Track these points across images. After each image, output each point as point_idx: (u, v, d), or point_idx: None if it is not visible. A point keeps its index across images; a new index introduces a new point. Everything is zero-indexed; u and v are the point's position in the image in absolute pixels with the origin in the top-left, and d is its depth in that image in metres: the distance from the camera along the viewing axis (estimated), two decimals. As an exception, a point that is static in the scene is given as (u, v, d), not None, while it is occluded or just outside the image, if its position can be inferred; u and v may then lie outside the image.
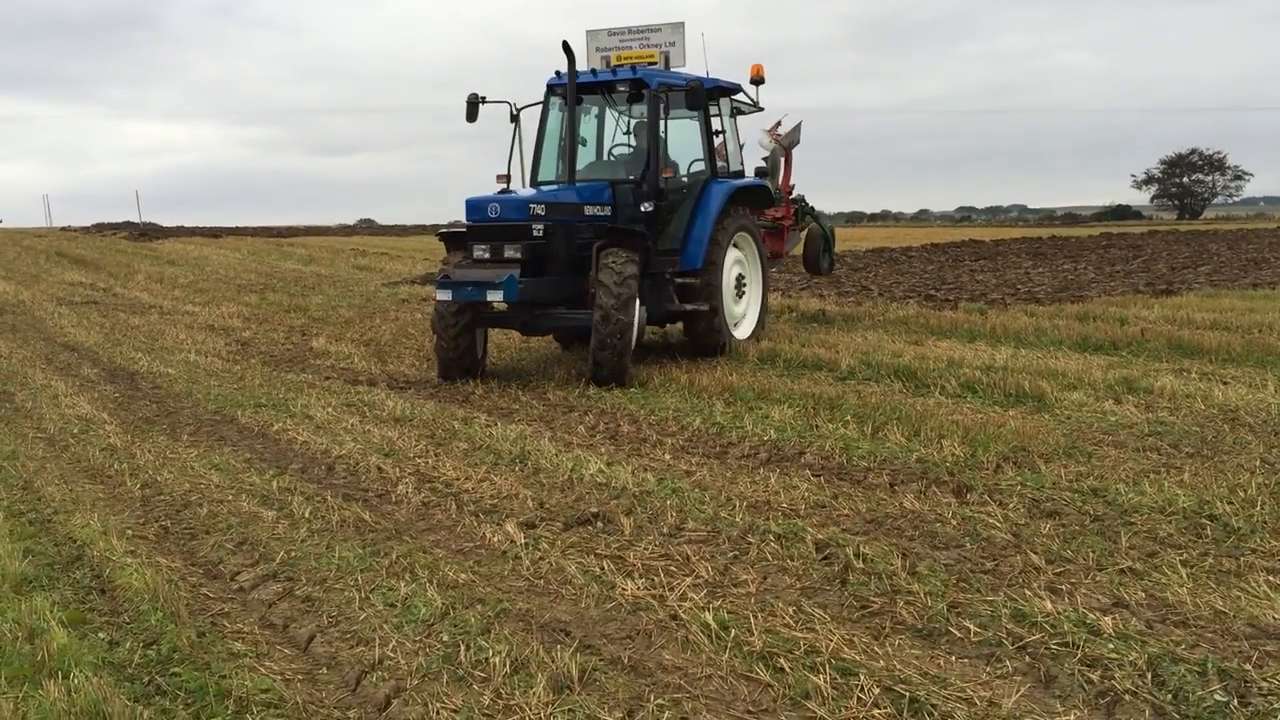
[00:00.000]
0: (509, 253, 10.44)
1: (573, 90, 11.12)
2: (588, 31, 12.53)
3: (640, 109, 11.83)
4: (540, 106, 11.95)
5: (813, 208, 15.07)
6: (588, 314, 10.45)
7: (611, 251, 10.40)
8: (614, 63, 12.01)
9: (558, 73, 11.65)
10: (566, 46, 10.97)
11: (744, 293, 12.48)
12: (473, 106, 11.61)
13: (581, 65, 11.69)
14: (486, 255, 10.53)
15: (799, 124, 14.43)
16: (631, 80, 11.58)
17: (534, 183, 11.82)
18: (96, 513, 6.44)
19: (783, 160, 14.26)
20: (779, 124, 14.36)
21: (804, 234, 15.05)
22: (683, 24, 12.35)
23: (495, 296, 10.11)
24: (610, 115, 12.41)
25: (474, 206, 10.66)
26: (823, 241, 15.04)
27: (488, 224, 10.52)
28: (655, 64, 11.95)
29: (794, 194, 14.53)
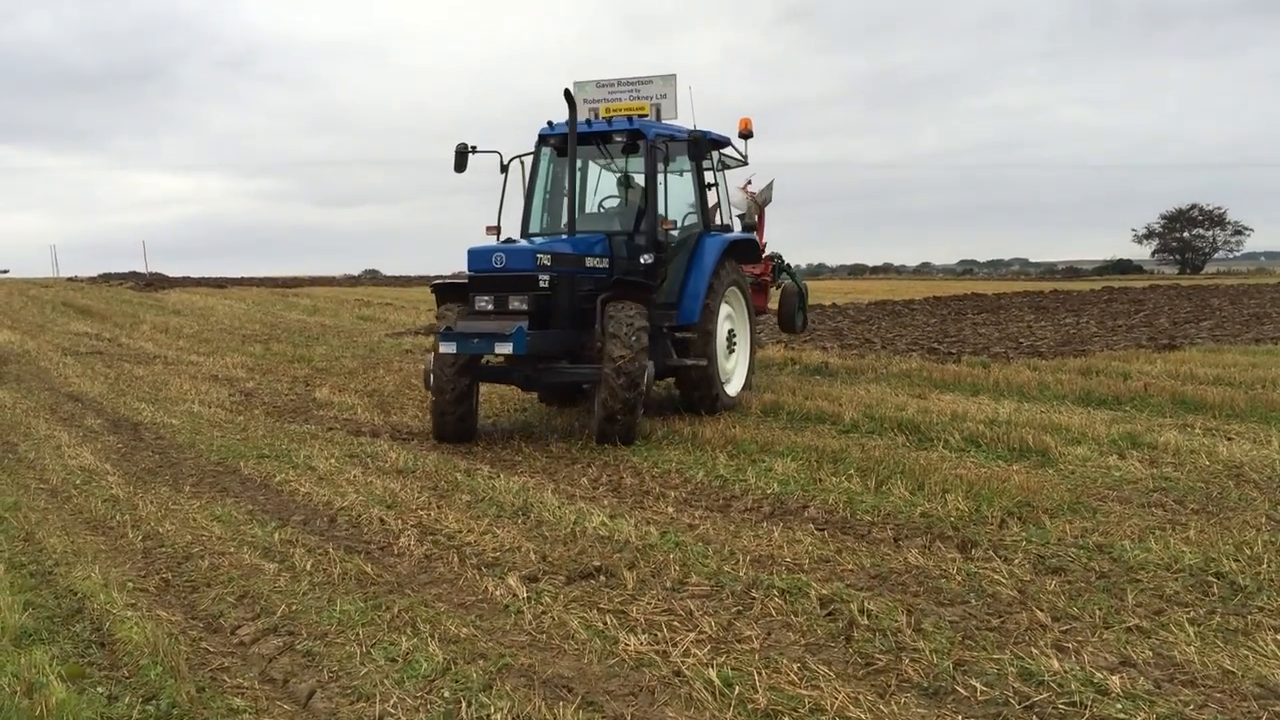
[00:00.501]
0: (515, 304, 10.07)
1: (573, 139, 10.72)
2: (574, 83, 12.19)
3: (636, 161, 11.66)
4: (530, 157, 11.68)
5: (788, 265, 15.02)
6: (592, 368, 10.23)
7: (621, 304, 10.12)
8: (602, 114, 11.83)
9: (549, 123, 11.52)
10: (568, 94, 10.68)
11: (734, 348, 12.26)
12: (461, 156, 11.33)
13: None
14: (490, 307, 10.12)
15: (771, 182, 14.47)
16: (628, 131, 11.35)
17: (524, 234, 11.57)
18: (98, 565, 6.41)
19: (756, 217, 14.23)
20: (750, 182, 14.40)
21: (779, 291, 14.98)
22: (674, 76, 12.21)
23: (505, 349, 9.65)
24: (604, 166, 12.21)
25: (478, 256, 10.28)
26: (797, 299, 14.90)
27: (492, 274, 10.13)
28: (645, 116, 11.80)
29: (767, 251, 14.46)
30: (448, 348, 9.91)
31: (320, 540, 6.90)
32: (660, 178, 11.35)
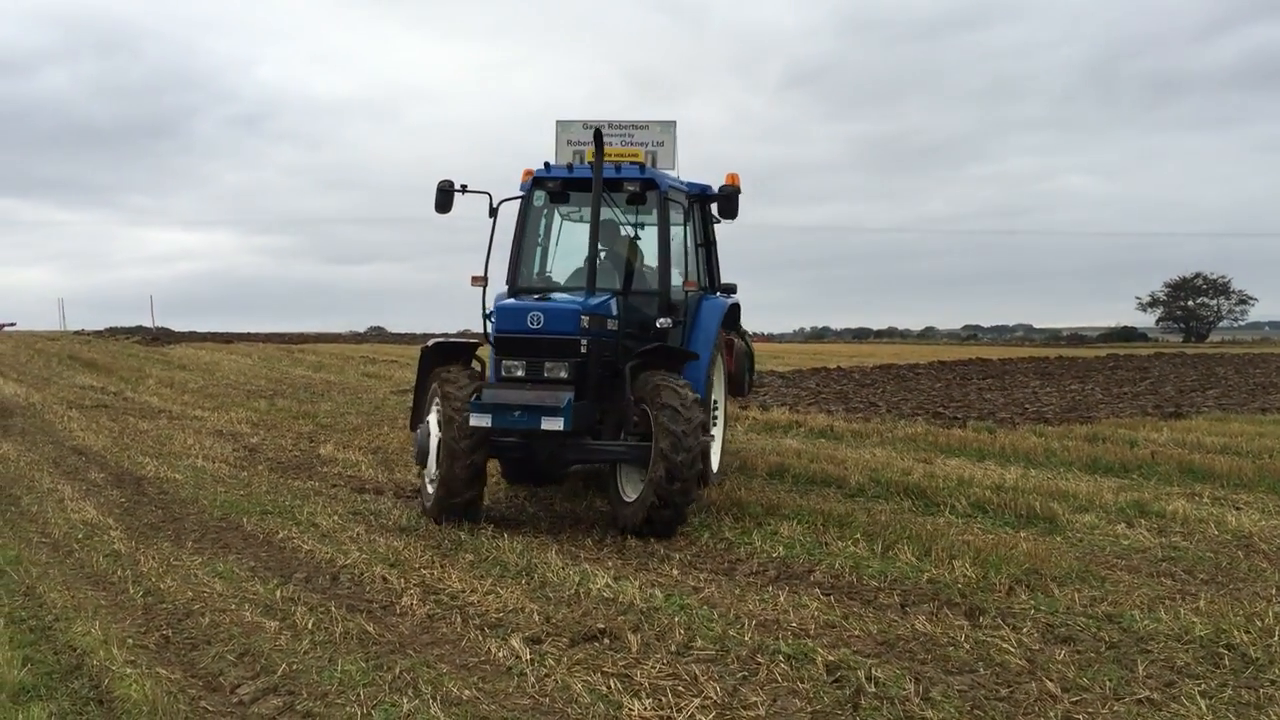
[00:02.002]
0: (552, 371, 8.86)
1: (598, 184, 9.27)
2: (558, 122, 11.13)
3: (644, 213, 10.48)
4: (520, 200, 10.31)
5: (741, 326, 14.49)
6: (625, 444, 8.99)
7: (659, 372, 8.98)
8: (588, 159, 10.40)
9: (546, 164, 10.38)
10: (599, 135, 9.34)
11: (716, 419, 11.04)
12: (445, 195, 9.95)
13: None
14: (520, 373, 8.93)
15: None
16: (641, 180, 10.04)
17: (513, 287, 10.20)
18: (98, 620, 6.36)
19: None
20: None
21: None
22: (674, 123, 11.24)
23: (553, 424, 8.46)
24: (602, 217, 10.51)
25: (509, 314, 9.04)
26: (747, 360, 14.34)
27: (526, 336, 8.90)
28: (639, 163, 10.59)
29: None
30: (480, 420, 8.59)
31: (322, 598, 6.85)
32: (684, 231, 10.51)
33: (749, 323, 12.48)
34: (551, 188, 10.33)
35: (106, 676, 5.35)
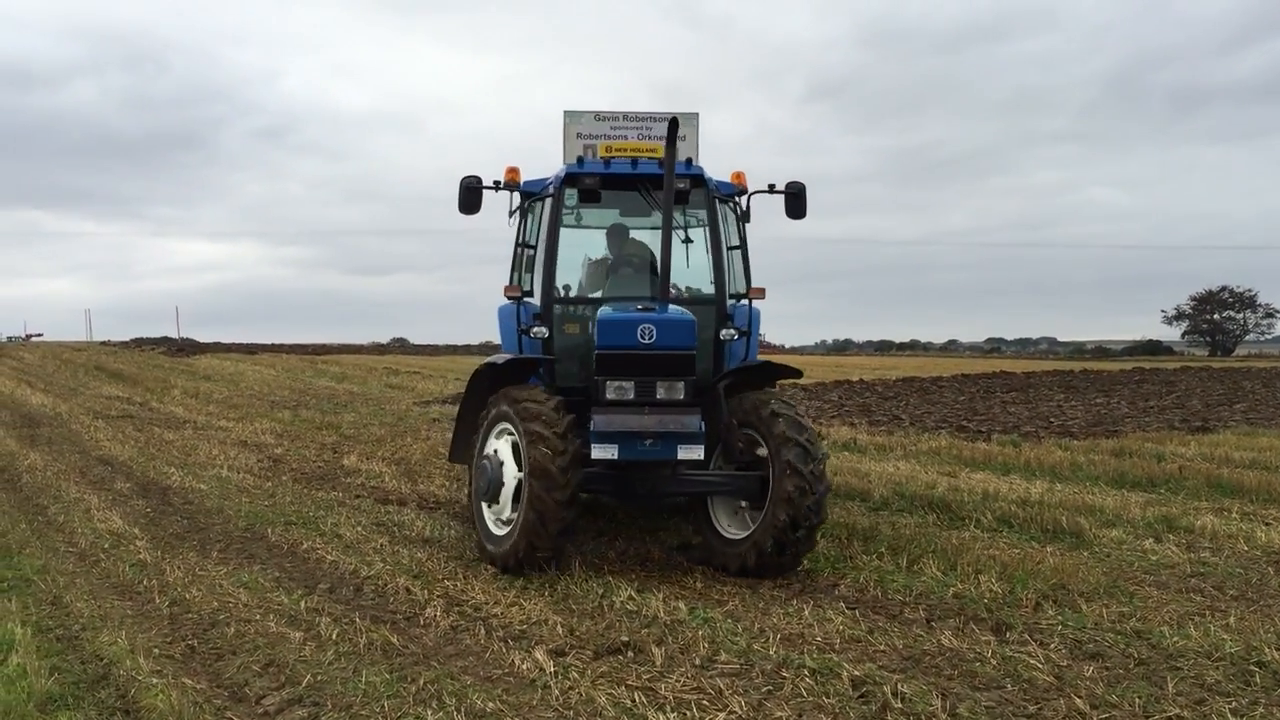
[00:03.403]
0: (667, 392, 7.76)
1: (670, 182, 7.84)
2: (566, 112, 9.83)
3: (688, 213, 9.52)
4: (550, 201, 9.07)
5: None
6: (725, 474, 8.03)
7: (762, 393, 8.16)
8: (601, 154, 9.31)
9: (579, 159, 9.25)
10: (674, 124, 7.90)
11: None
12: (472, 193, 9.03)
13: (555, 155, 9.57)
14: (631, 395, 7.76)
15: None
16: (688, 176, 8.93)
17: (546, 298, 8.87)
18: (124, 630, 6.39)
19: None
20: None
21: None
22: (696, 115, 9.97)
23: (691, 453, 7.60)
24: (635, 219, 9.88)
25: (615, 328, 7.85)
26: None
27: (637, 352, 7.76)
28: (656, 158, 9.13)
29: None
30: (605, 452, 7.56)
31: (346, 609, 6.86)
32: (734, 233, 9.34)
33: (770, 334, 12.44)
34: (590, 184, 9.05)
35: (133, 686, 5.38)
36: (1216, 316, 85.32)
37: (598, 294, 9.30)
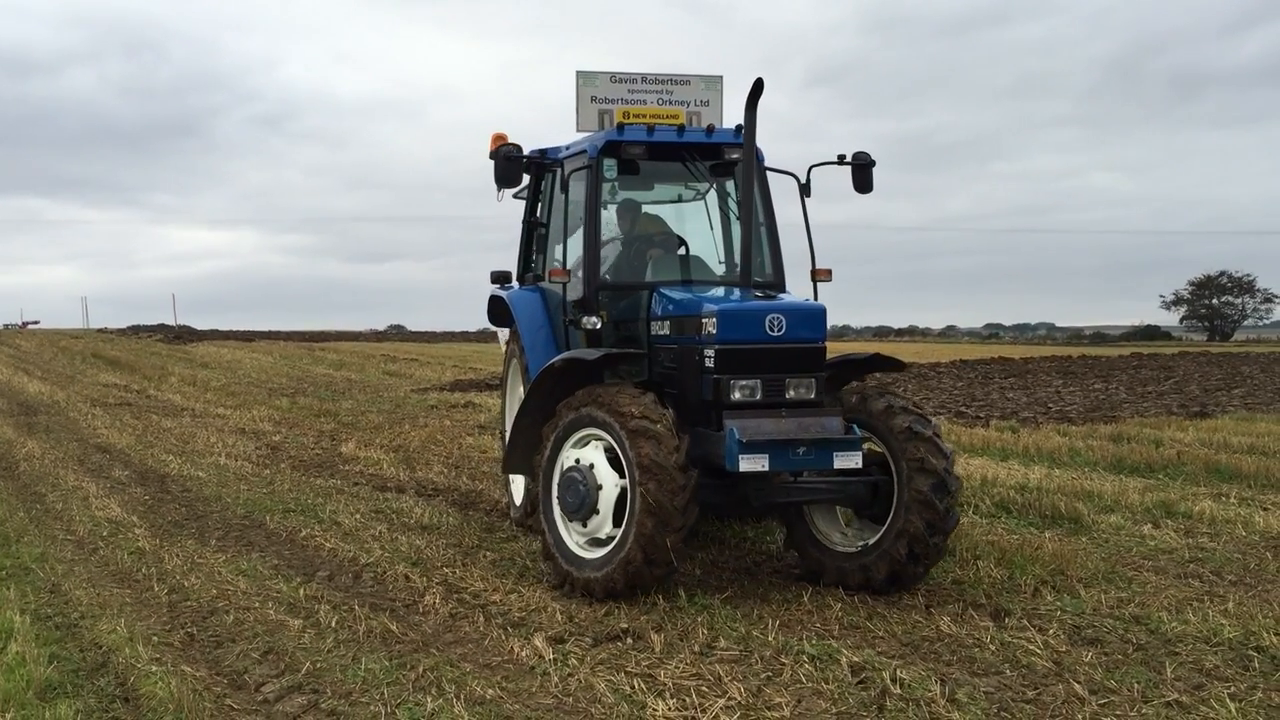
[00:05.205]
0: (797, 390, 6.91)
1: (750, 148, 7.14)
2: (579, 73, 8.82)
3: (725, 186, 8.59)
4: (586, 172, 8.00)
5: None
6: (835, 481, 7.01)
7: (866, 386, 7.36)
8: (618, 120, 8.28)
9: (620, 127, 8.07)
10: (758, 85, 7.00)
11: None
12: (512, 162, 8.14)
13: (567, 121, 8.73)
14: (758, 395, 6.87)
15: None
16: (737, 145, 7.84)
17: (589, 284, 7.82)
18: (123, 618, 6.39)
19: None
20: None
21: None
22: (720, 79, 9.08)
23: (849, 462, 6.70)
24: (684, 192, 9.01)
25: (738, 320, 6.91)
26: None
27: (766, 346, 6.87)
28: (679, 125, 8.41)
29: None
30: (754, 464, 6.53)
31: (345, 597, 6.86)
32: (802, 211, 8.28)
33: None
34: (635, 153, 8.00)
35: (132, 674, 5.38)
36: (1215, 301, 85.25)
37: (641, 279, 8.15)
